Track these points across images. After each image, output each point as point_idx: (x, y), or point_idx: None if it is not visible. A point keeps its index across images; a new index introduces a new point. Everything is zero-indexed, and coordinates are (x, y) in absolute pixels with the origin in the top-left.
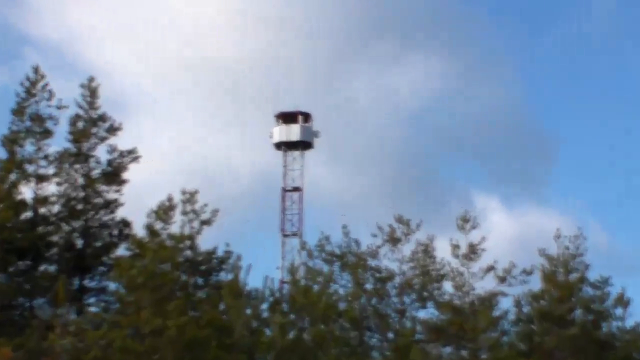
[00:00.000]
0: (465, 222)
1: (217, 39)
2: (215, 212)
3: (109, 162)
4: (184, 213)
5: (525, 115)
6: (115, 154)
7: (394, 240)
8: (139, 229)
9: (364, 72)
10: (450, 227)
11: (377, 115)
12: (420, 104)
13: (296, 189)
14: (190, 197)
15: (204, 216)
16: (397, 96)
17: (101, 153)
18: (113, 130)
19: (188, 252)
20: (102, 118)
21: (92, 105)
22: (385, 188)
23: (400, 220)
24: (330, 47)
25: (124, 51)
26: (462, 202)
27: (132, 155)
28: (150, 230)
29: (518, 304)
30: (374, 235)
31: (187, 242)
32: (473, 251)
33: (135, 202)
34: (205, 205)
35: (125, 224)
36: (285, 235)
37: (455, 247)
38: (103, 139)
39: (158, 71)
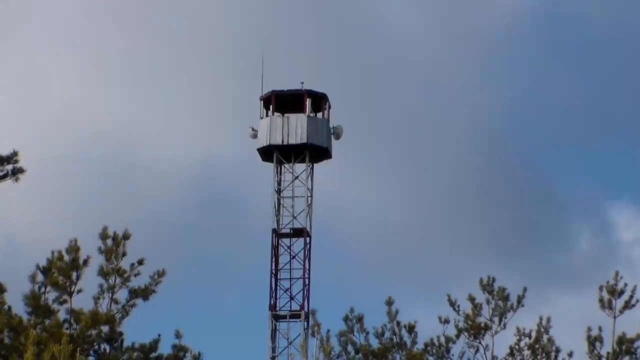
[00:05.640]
0: (614, 293)
1: None
2: (158, 276)
3: None
4: (103, 273)
5: None
6: None
7: (477, 329)
8: (13, 299)
9: None
10: (583, 296)
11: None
12: None
13: (298, 233)
14: (113, 247)
15: (136, 282)
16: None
17: None
18: None
19: (105, 347)
20: None
21: None
22: (461, 221)
23: (488, 288)
24: None
25: None
26: (600, 240)
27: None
28: (35, 303)
29: None
30: (445, 321)
31: (105, 328)
32: (630, 350)
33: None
34: (140, 262)
35: None
36: (277, 317)
37: (593, 341)
38: None
39: None
